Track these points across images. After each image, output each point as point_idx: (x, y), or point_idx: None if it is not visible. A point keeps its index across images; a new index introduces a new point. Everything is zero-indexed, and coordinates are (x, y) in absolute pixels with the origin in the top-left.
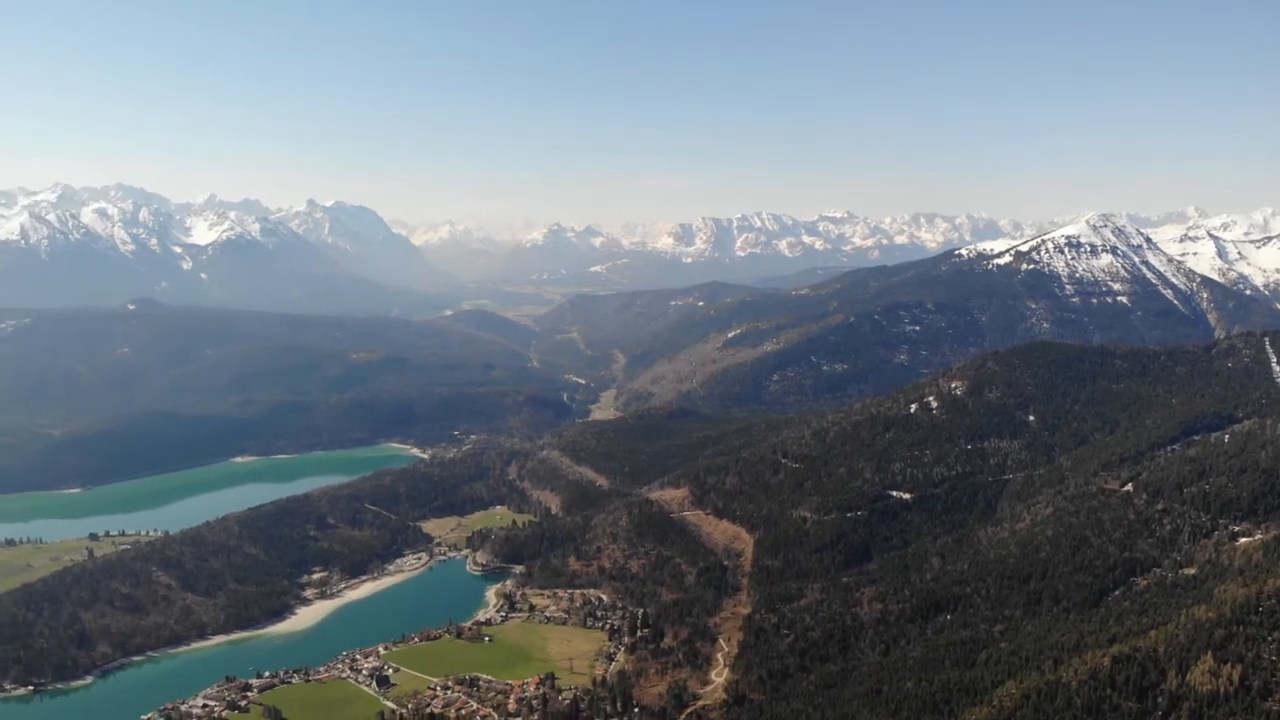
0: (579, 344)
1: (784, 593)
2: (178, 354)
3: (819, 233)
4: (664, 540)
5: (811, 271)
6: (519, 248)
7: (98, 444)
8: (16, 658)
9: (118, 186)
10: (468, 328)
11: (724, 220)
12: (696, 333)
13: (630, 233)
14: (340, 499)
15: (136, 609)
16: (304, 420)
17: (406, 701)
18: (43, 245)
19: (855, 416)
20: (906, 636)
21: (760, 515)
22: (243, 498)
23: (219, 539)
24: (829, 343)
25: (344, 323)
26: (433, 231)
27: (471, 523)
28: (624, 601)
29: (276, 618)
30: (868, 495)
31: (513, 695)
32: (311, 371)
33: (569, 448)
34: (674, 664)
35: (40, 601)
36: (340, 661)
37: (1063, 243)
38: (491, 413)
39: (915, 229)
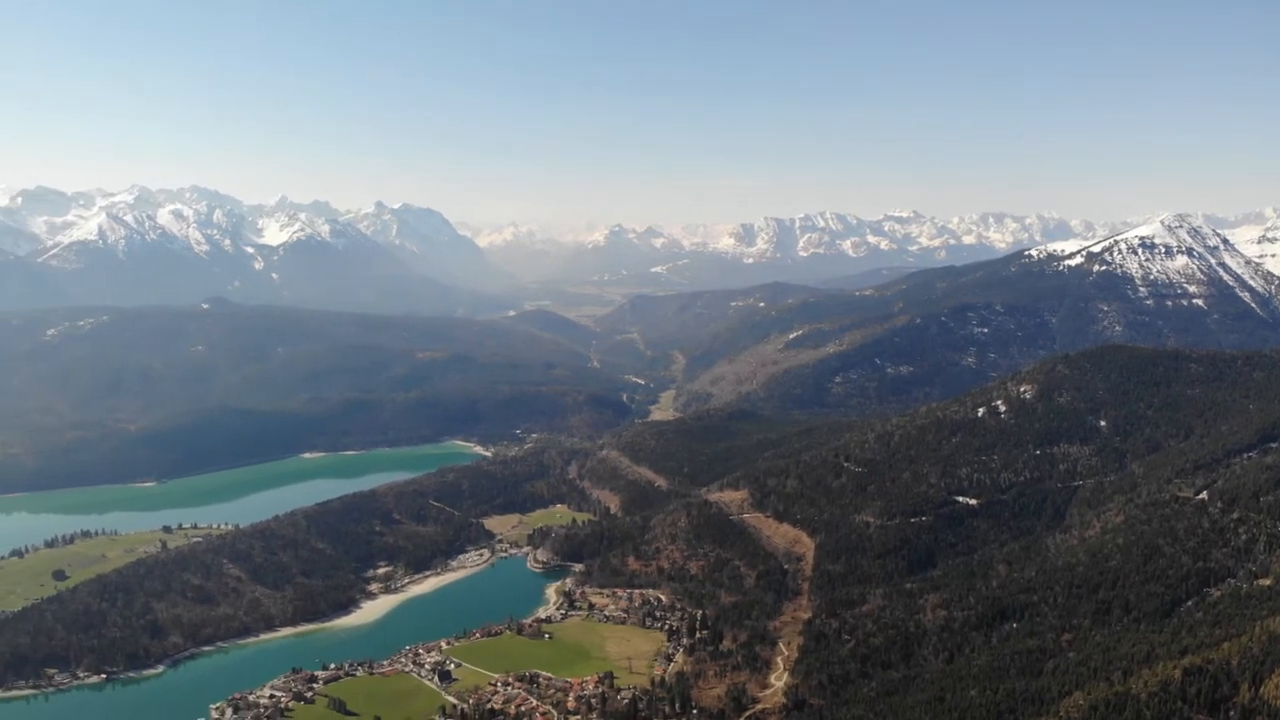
0: (639, 344)
1: (845, 598)
2: (250, 352)
3: (884, 233)
4: (723, 542)
5: (876, 272)
6: (580, 249)
7: (172, 439)
8: (90, 646)
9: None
10: (530, 328)
11: (786, 220)
12: (757, 334)
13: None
14: (405, 495)
15: (207, 600)
16: (371, 417)
17: (467, 696)
18: (120, 245)
19: (921, 420)
20: (971, 644)
21: (822, 519)
22: (311, 493)
23: (287, 533)
24: (894, 345)
25: (410, 322)
26: (497, 233)
27: (532, 520)
28: (683, 602)
29: (342, 611)
30: (933, 501)
31: (572, 693)
32: (379, 370)
33: (628, 448)
34: (733, 666)
35: (114, 592)
36: (403, 655)
37: (1136, 244)
38: (552, 412)
39: (984, 229)
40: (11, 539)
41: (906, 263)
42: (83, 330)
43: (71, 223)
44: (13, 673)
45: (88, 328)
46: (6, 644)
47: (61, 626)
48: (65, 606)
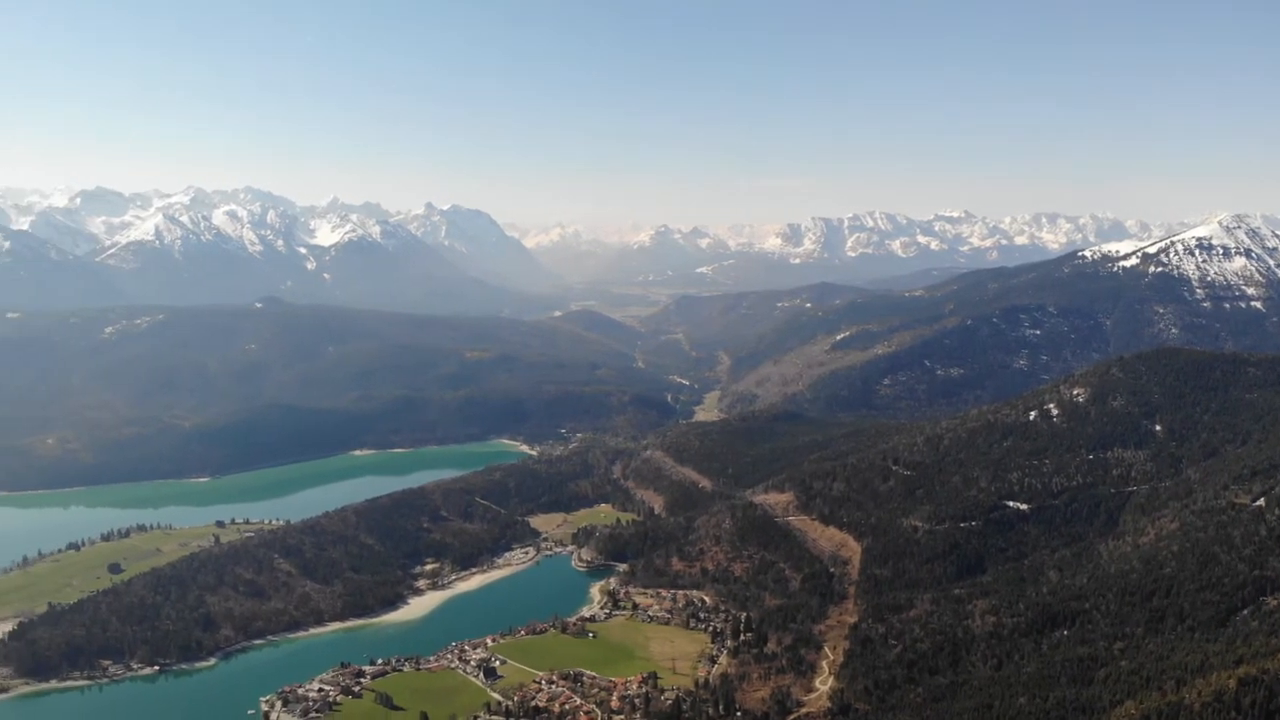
0: (683, 345)
1: (892, 602)
2: (301, 350)
3: (934, 233)
4: (768, 544)
5: (926, 273)
6: (626, 249)
7: (225, 435)
8: (145, 639)
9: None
10: (575, 328)
11: (834, 220)
12: (804, 334)
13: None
14: (453, 492)
15: (258, 594)
16: (419, 416)
17: (512, 694)
18: (176, 245)
19: (971, 423)
20: (1020, 651)
21: (869, 523)
22: (360, 489)
23: (337, 529)
24: (944, 346)
25: (458, 322)
26: (543, 234)
27: (577, 519)
28: (727, 604)
29: (390, 607)
30: (983, 505)
31: (615, 692)
32: (427, 369)
33: (672, 448)
34: (777, 669)
35: (168, 585)
36: (450, 651)
37: (1193, 244)
38: (597, 411)
39: (1036, 229)
40: (69, 532)
41: (957, 263)
42: (139, 329)
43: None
44: (68, 664)
45: (144, 326)
46: (63, 635)
47: (116, 619)
48: (120, 599)
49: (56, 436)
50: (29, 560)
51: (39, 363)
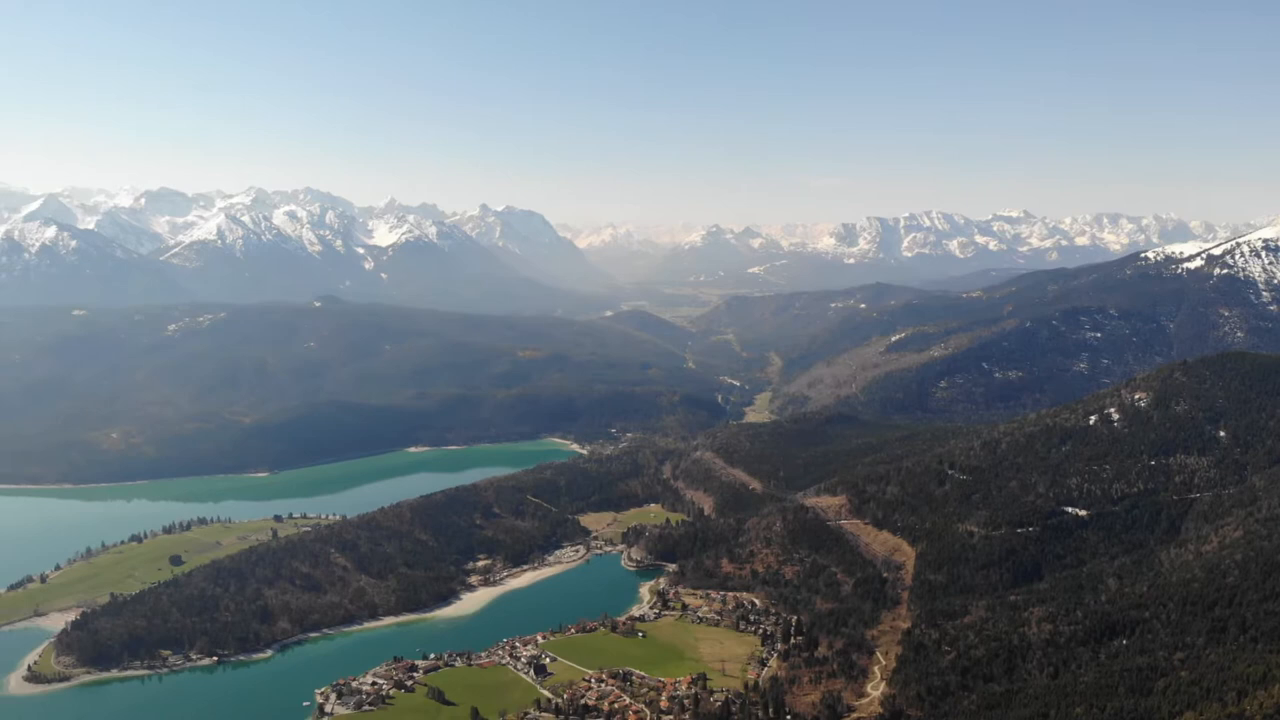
0: (734, 345)
1: (946, 608)
2: (359, 348)
3: (993, 233)
4: (819, 548)
5: (984, 273)
6: (677, 250)
7: (284, 431)
8: (204, 630)
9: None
10: (626, 328)
11: (890, 220)
12: (857, 336)
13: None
14: (505, 490)
15: (315, 588)
16: (473, 414)
17: (562, 691)
18: (238, 245)
19: (1029, 427)
20: (1078, 660)
21: (923, 527)
22: (415, 486)
23: (392, 524)
24: (1002, 349)
25: (511, 322)
26: (595, 234)
27: (626, 519)
28: (777, 607)
29: (443, 602)
30: (1040, 511)
31: (665, 692)
32: (481, 367)
33: (722, 449)
34: (828, 674)
35: (227, 578)
36: (501, 648)
37: (1260, 246)
38: (647, 411)
39: (1097, 230)
40: (132, 524)
41: (1016, 264)
42: (202, 326)
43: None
44: (129, 654)
45: (206, 324)
46: (124, 625)
47: (177, 610)
48: (181, 591)
49: (121, 431)
50: (92, 551)
51: (104, 359)
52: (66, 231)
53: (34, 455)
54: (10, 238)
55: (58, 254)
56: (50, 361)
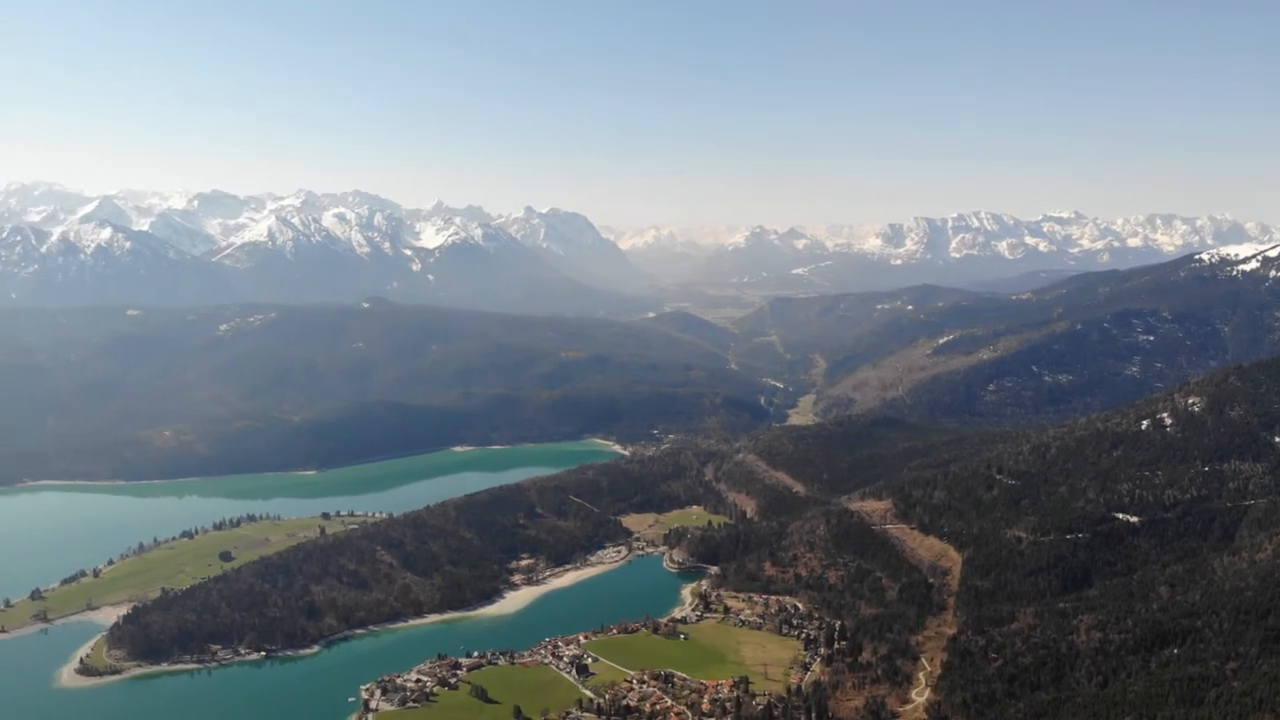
0: (778, 347)
1: (993, 615)
2: (406, 349)
3: (1043, 234)
4: (864, 552)
5: (1034, 275)
6: (720, 251)
7: (333, 430)
8: (252, 625)
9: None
10: (669, 329)
11: (938, 220)
12: (904, 338)
13: (835, 234)
14: (548, 490)
15: (361, 585)
16: (517, 414)
17: (604, 691)
18: (288, 246)
19: (1079, 432)
20: (1127, 669)
21: (970, 533)
22: (460, 485)
23: (437, 523)
24: (1052, 352)
25: (555, 323)
26: (639, 236)
27: (668, 520)
28: (820, 611)
29: (486, 600)
30: (1090, 517)
31: (706, 695)
32: (525, 368)
33: (765, 451)
34: (872, 679)
35: (276, 574)
36: (543, 647)
37: None
38: (689, 412)
39: (1150, 231)
40: (183, 521)
41: (1066, 266)
42: (252, 326)
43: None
44: (179, 647)
45: (257, 324)
46: (175, 620)
47: (226, 605)
48: (230, 586)
49: (173, 429)
50: (145, 547)
51: (157, 358)
52: (121, 233)
53: (89, 452)
54: (66, 239)
55: (112, 255)
56: (105, 361)
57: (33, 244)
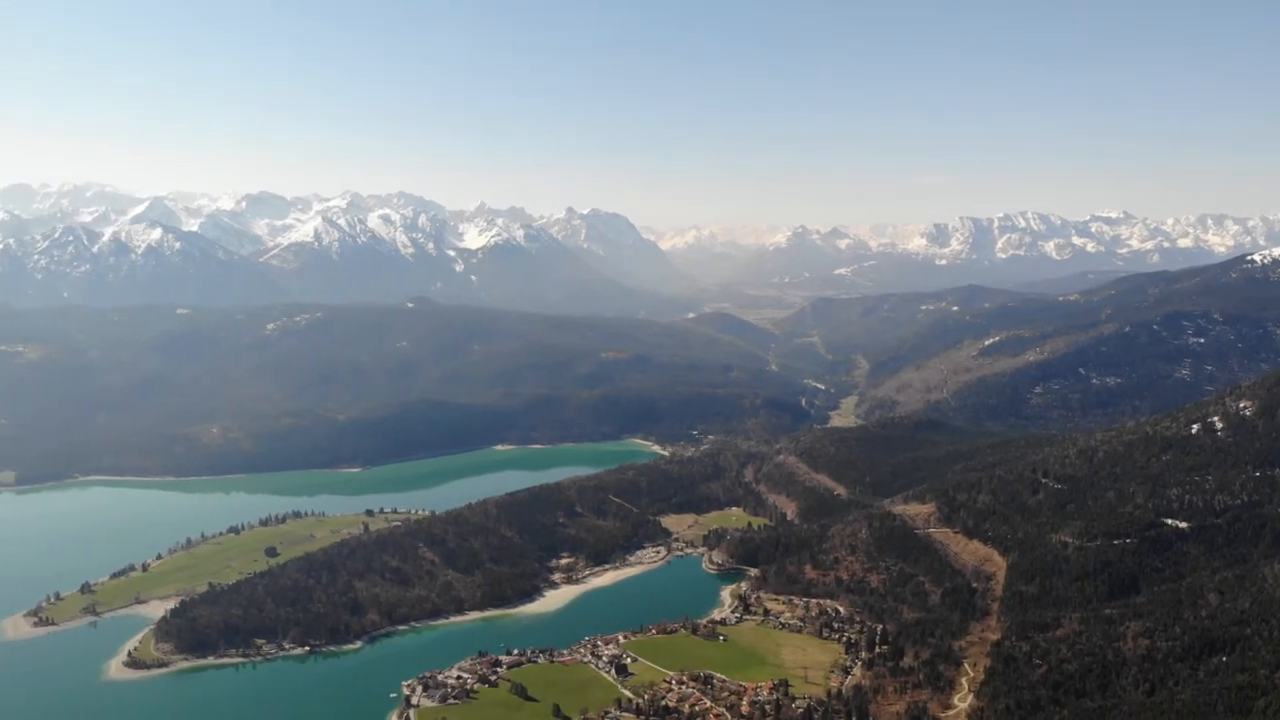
0: (819, 348)
1: (1038, 621)
2: (449, 349)
3: (1091, 234)
4: (906, 556)
5: (1082, 276)
6: (762, 251)
7: (377, 428)
8: (296, 620)
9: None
10: (709, 329)
11: (983, 220)
12: (949, 339)
13: (879, 234)
14: (587, 489)
15: (403, 581)
16: (557, 413)
17: (643, 691)
18: (334, 247)
19: (1128, 436)
20: (1175, 677)
21: (1015, 537)
22: (501, 483)
23: (479, 520)
24: (1100, 354)
25: (595, 323)
26: (679, 236)
27: (707, 521)
28: (862, 615)
29: (526, 598)
30: (1138, 522)
31: (746, 697)
32: (565, 368)
33: (806, 453)
34: (914, 684)
35: (320, 570)
36: (583, 646)
37: None
38: (729, 413)
39: (1201, 231)
40: (230, 516)
41: (1115, 266)
42: (299, 325)
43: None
44: (225, 641)
45: (303, 323)
46: (221, 614)
47: (271, 600)
48: (275, 581)
49: (220, 426)
50: (192, 542)
51: (206, 356)
52: (171, 233)
53: (139, 448)
54: (118, 239)
55: (163, 255)
56: (155, 359)
57: (85, 244)
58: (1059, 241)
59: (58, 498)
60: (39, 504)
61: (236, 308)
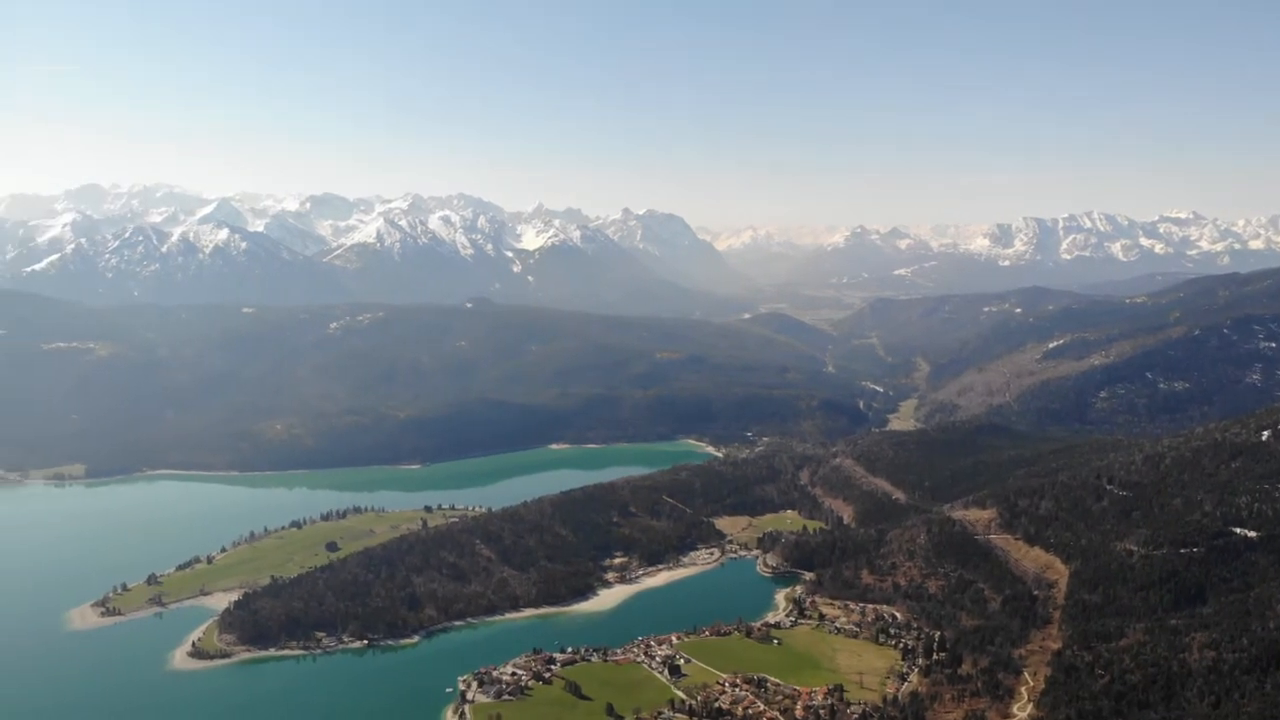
0: (878, 350)
1: (1101, 630)
2: (507, 348)
3: (1159, 235)
4: (966, 562)
5: (1149, 278)
6: (819, 251)
7: (435, 426)
8: (355, 614)
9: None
10: (765, 330)
11: (1048, 220)
12: (1011, 342)
13: (940, 234)
14: (641, 490)
15: (460, 577)
16: (612, 413)
17: (696, 693)
18: (395, 248)
19: (1196, 442)
20: (1241, 690)
21: (1078, 545)
22: (556, 482)
23: (534, 518)
24: (1168, 358)
25: (651, 323)
26: (735, 236)
27: (762, 524)
28: (919, 621)
29: (580, 597)
30: (1206, 530)
31: (800, 701)
32: (621, 368)
33: (864, 457)
34: (972, 692)
35: (379, 564)
36: (636, 645)
37: None
38: (784, 415)
39: (1273, 233)
40: (292, 511)
41: (1184, 268)
42: (361, 325)
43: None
44: (286, 634)
45: (365, 323)
46: (283, 607)
47: (331, 594)
48: (336, 575)
49: (284, 423)
50: (255, 536)
51: (270, 355)
52: (237, 234)
53: (205, 444)
54: (186, 239)
55: (229, 255)
56: (221, 356)
57: (154, 244)
58: (1126, 243)
59: (126, 491)
60: (108, 497)
61: (300, 307)
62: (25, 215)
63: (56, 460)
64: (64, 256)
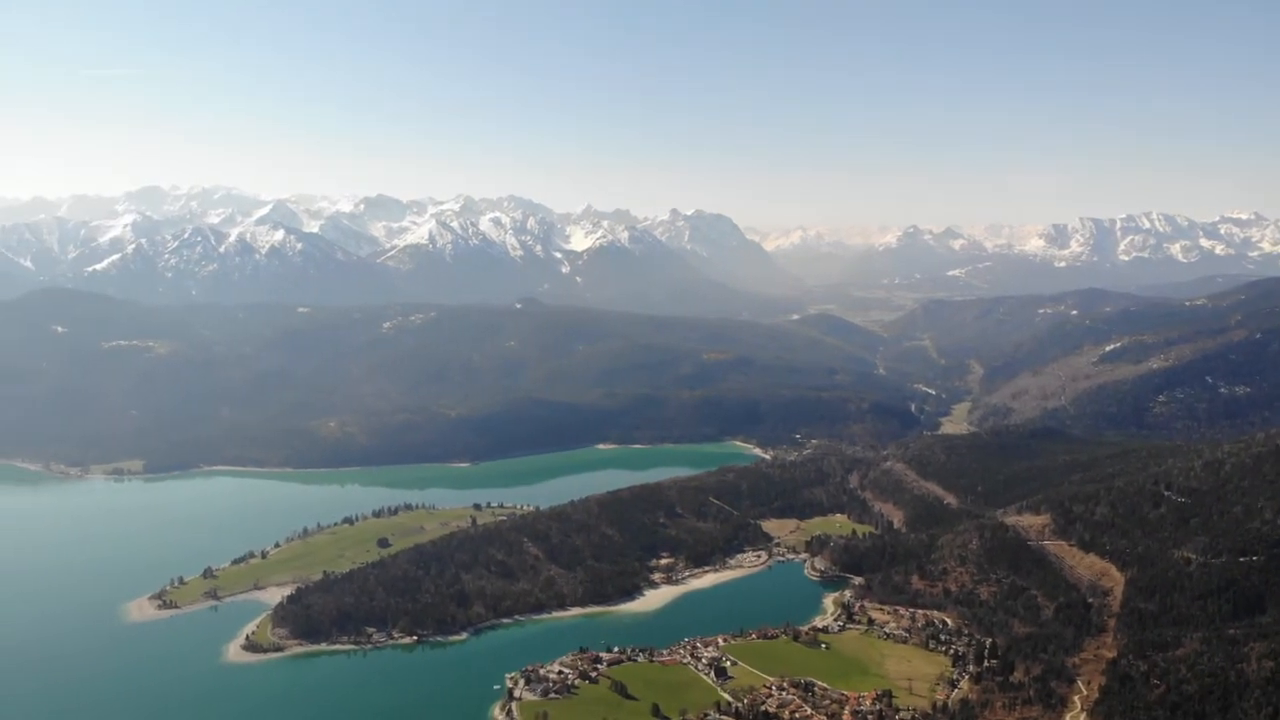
0: (930, 352)
1: (1157, 639)
2: (555, 348)
3: (1219, 236)
4: (1018, 569)
5: (1209, 280)
6: (870, 251)
7: (485, 425)
8: (405, 610)
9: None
10: (813, 331)
11: (1104, 221)
12: (1067, 344)
13: (994, 235)
14: (688, 490)
15: (508, 575)
16: (659, 413)
17: (742, 696)
18: (447, 249)
19: (1257, 448)
20: None
21: (1134, 552)
22: (603, 481)
23: (581, 518)
24: (1229, 361)
25: (698, 324)
26: (784, 237)
27: (810, 527)
28: (970, 628)
29: (626, 597)
30: (1266, 539)
31: (848, 706)
32: (667, 368)
33: (915, 460)
34: (1023, 700)
35: (429, 561)
36: (682, 647)
37: None
38: (833, 418)
39: None
40: (344, 508)
41: (1245, 270)
42: (413, 325)
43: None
44: (338, 629)
45: (418, 323)
46: (334, 602)
47: (382, 590)
48: (387, 571)
49: (337, 420)
50: (308, 531)
51: (324, 353)
52: (293, 235)
53: (260, 440)
54: (243, 240)
55: (285, 255)
56: (276, 354)
57: (212, 244)
58: (1185, 244)
59: (183, 486)
60: (165, 492)
61: (354, 307)
62: (87, 216)
63: (116, 456)
64: (125, 256)
